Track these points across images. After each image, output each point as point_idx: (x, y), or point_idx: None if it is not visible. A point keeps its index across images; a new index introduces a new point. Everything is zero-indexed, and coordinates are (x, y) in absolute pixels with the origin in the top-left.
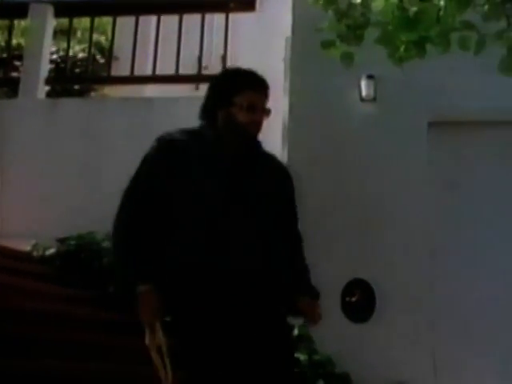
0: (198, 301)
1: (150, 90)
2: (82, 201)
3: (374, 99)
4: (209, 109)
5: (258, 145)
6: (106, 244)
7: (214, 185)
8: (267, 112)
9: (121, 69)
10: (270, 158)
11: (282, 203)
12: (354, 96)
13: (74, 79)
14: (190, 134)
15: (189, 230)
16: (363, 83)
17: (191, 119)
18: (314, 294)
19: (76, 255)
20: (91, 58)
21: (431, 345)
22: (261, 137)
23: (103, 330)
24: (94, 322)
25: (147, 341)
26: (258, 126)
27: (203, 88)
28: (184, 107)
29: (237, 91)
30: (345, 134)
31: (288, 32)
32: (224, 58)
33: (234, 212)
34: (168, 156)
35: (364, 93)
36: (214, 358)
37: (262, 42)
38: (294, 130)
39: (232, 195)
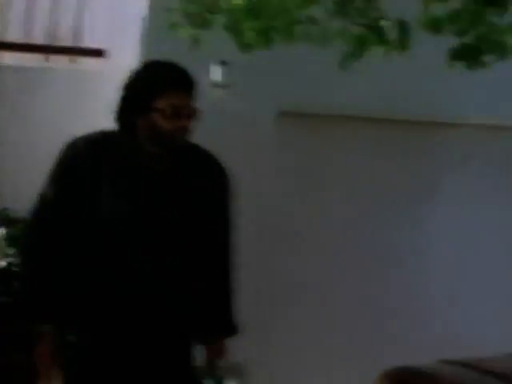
0: (89, 348)
1: None
2: None
3: (226, 85)
4: (125, 113)
5: (185, 154)
6: None
7: (127, 208)
8: (195, 113)
9: None
10: (202, 162)
11: (212, 220)
12: (204, 81)
13: None
14: (102, 143)
15: (92, 262)
16: (215, 68)
17: (42, 90)
18: (227, 332)
19: None
20: None
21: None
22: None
23: None
24: None
25: None
26: (184, 133)
27: (54, 59)
28: (35, 77)
29: (157, 94)
30: None
31: (144, 11)
32: (77, 31)
33: (144, 244)
34: (74, 174)
35: (215, 78)
36: None
37: (117, 20)
38: None
39: (146, 220)
